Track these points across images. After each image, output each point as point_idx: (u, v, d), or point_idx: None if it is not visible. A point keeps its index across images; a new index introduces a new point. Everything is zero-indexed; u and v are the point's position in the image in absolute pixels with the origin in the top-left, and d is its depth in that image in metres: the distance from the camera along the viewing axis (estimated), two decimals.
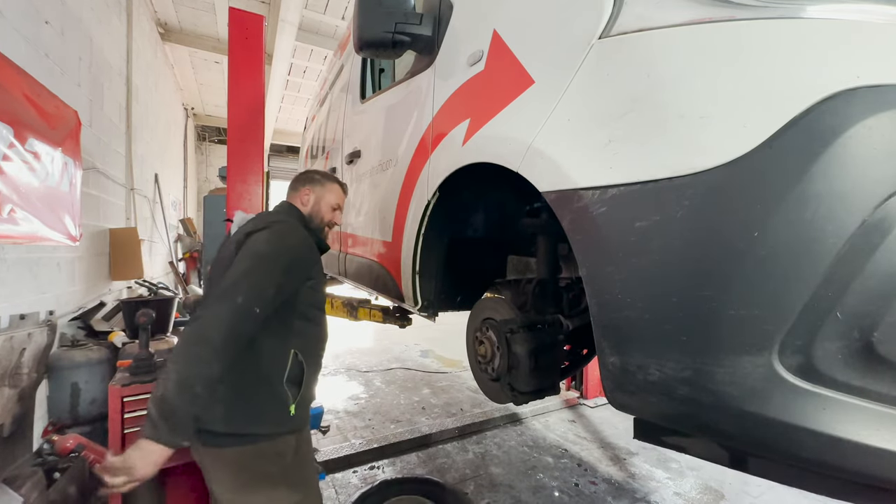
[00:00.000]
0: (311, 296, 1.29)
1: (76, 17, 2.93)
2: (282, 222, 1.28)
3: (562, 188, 0.85)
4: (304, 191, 1.46)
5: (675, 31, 0.73)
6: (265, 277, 1.13)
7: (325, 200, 1.46)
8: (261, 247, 1.18)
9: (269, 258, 1.16)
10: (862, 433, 0.55)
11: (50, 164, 2.30)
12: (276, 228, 1.24)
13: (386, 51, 1.44)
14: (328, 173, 1.53)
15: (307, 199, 1.45)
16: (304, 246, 1.26)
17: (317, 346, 1.37)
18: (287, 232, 1.25)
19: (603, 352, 0.79)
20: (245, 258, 1.15)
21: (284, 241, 1.22)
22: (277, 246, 1.20)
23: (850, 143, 0.57)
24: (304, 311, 1.28)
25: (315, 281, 1.30)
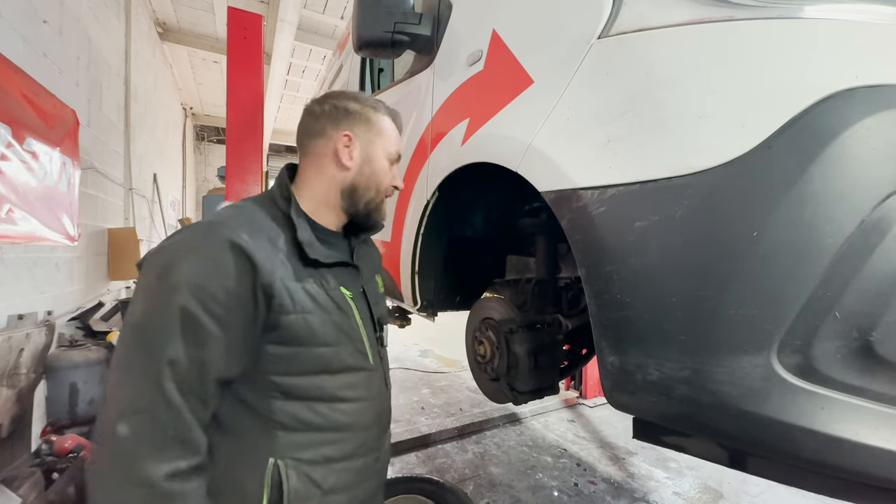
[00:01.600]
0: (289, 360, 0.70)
1: (74, 16, 2.93)
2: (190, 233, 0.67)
3: (561, 188, 0.85)
4: (343, 137, 0.80)
5: (674, 31, 0.73)
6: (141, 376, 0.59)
7: (378, 151, 0.83)
8: (135, 309, 0.62)
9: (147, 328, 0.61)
10: (861, 433, 0.55)
11: (48, 164, 2.30)
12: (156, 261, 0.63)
13: (385, 50, 1.43)
14: (365, 96, 0.85)
15: (349, 153, 0.80)
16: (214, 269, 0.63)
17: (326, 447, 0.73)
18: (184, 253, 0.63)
19: (602, 351, 0.79)
20: (122, 331, 0.64)
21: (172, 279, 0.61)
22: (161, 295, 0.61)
23: (848, 143, 0.57)
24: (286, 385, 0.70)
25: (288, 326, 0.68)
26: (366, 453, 0.79)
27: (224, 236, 0.64)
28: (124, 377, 0.60)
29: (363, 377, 0.79)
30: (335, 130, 0.80)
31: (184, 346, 0.59)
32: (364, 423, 0.79)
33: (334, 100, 0.83)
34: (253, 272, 0.64)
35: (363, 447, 0.78)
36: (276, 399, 0.69)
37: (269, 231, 0.71)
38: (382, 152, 0.83)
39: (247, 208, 0.74)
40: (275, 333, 0.68)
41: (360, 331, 0.79)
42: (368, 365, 0.80)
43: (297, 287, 0.70)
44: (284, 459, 0.69)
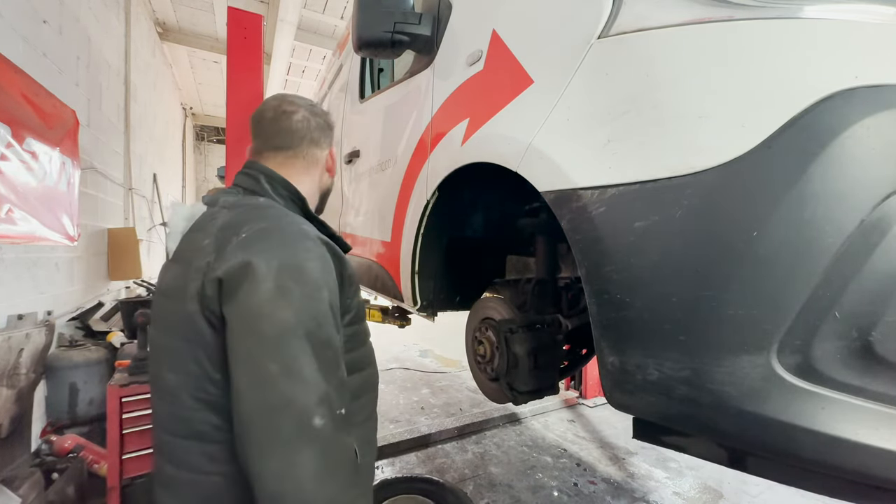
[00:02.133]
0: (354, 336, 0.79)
1: (74, 16, 2.93)
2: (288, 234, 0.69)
3: (561, 188, 0.85)
4: (332, 150, 0.93)
5: (673, 31, 0.73)
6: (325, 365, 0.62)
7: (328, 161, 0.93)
8: (284, 314, 0.61)
9: (310, 326, 0.62)
10: (860, 432, 0.55)
11: (48, 164, 2.30)
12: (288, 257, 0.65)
13: (385, 50, 1.43)
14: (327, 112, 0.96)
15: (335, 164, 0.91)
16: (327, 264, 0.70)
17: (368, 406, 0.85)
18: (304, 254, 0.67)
19: (602, 351, 0.79)
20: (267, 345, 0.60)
21: (312, 278, 0.65)
22: (309, 294, 0.64)
23: (848, 143, 0.57)
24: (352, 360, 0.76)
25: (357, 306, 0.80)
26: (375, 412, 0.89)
27: (315, 235, 0.72)
28: (295, 375, 0.59)
29: (371, 346, 0.89)
30: (328, 144, 0.92)
31: (332, 318, 0.66)
32: (376, 383, 0.89)
33: (324, 116, 0.92)
34: (339, 262, 0.73)
35: (375, 407, 0.89)
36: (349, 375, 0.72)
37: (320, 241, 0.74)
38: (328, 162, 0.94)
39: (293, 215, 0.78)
40: (349, 315, 0.76)
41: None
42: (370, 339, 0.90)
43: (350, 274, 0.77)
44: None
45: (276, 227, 0.69)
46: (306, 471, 0.57)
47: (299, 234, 0.69)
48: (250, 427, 0.58)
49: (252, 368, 0.59)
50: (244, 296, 0.61)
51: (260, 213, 0.72)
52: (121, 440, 1.59)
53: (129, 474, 1.53)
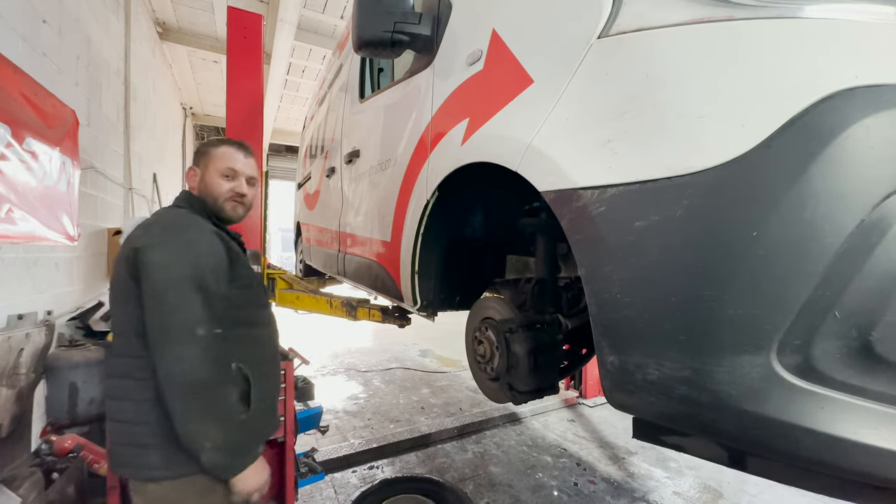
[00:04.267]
0: (244, 296, 1.13)
1: (74, 16, 2.92)
2: (170, 226, 1.07)
3: (561, 188, 0.85)
4: (190, 172, 1.22)
5: (673, 31, 0.73)
6: (187, 306, 0.97)
7: (209, 173, 1.18)
8: (158, 274, 0.98)
9: (175, 285, 0.98)
10: (860, 432, 0.55)
11: (48, 164, 2.30)
12: (164, 242, 1.02)
13: (385, 50, 1.43)
14: (224, 138, 1.30)
15: (194, 179, 1.20)
16: (206, 246, 1.06)
17: (266, 350, 1.22)
18: (178, 239, 1.04)
19: (602, 351, 0.79)
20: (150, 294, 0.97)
21: (179, 254, 1.01)
22: (175, 264, 1.00)
23: (848, 142, 0.57)
24: (243, 316, 1.13)
25: (242, 278, 1.13)
26: (277, 360, 1.30)
27: (208, 229, 1.11)
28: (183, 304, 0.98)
29: (269, 311, 1.28)
30: (190, 168, 1.24)
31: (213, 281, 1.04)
32: (272, 340, 1.28)
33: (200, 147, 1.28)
34: (227, 248, 1.11)
35: (276, 356, 1.29)
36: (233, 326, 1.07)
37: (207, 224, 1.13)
38: (213, 170, 1.19)
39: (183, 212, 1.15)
40: (238, 282, 1.12)
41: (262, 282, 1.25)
42: (268, 303, 1.31)
43: (239, 257, 1.15)
44: (237, 363, 1.08)
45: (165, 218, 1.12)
46: (192, 359, 0.95)
47: (183, 223, 1.09)
48: (157, 335, 0.96)
49: (156, 302, 0.97)
50: (146, 258, 0.99)
51: (161, 212, 1.19)
52: None
53: None
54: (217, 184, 1.18)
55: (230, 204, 1.20)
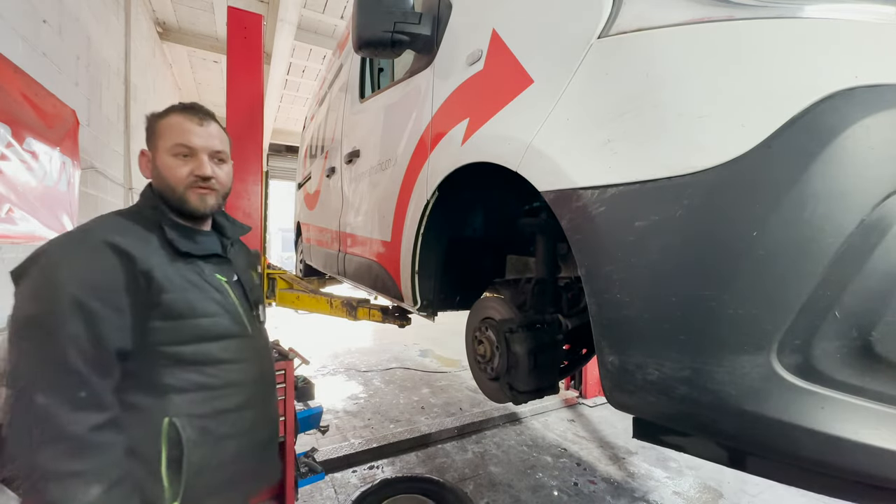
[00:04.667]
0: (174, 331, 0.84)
1: (74, 15, 2.92)
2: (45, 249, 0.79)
3: (561, 188, 0.85)
4: (141, 157, 0.95)
5: (673, 31, 0.73)
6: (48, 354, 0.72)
7: (160, 155, 0.90)
8: (23, 310, 0.75)
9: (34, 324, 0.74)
10: (860, 432, 0.55)
11: (48, 164, 2.30)
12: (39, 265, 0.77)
13: (385, 50, 1.43)
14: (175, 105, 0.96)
15: (146, 167, 0.94)
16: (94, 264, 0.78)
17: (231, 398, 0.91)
18: (39, 267, 0.77)
19: (602, 351, 0.79)
20: (11, 334, 0.75)
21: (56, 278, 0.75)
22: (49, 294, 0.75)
23: (848, 142, 0.57)
24: (175, 353, 0.84)
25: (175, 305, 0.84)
26: (255, 405, 0.97)
27: (99, 238, 0.80)
28: (32, 358, 0.73)
29: (242, 342, 0.96)
30: (140, 152, 0.97)
31: (82, 325, 0.74)
32: (246, 378, 0.96)
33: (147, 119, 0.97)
34: (131, 262, 0.80)
35: (252, 400, 0.96)
36: (168, 367, 0.84)
37: (140, 233, 0.86)
38: (162, 150, 0.91)
39: (110, 217, 0.89)
40: (158, 310, 0.82)
41: (236, 306, 0.96)
42: (246, 332, 0.98)
43: (173, 272, 0.86)
44: (180, 417, 0.83)
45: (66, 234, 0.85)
46: (20, 432, 0.71)
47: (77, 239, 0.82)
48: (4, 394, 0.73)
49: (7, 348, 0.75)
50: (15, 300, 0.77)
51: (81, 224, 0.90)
52: None
53: None
54: (170, 168, 0.89)
55: (194, 194, 0.91)
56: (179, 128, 0.90)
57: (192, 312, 0.86)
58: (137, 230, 0.86)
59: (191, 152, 0.91)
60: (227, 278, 0.97)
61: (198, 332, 0.87)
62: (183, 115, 0.92)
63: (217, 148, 0.95)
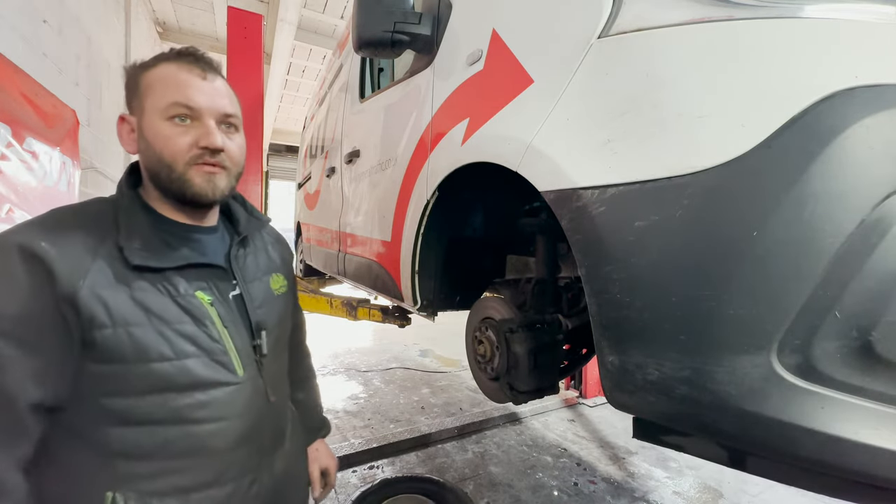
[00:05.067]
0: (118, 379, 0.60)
1: (74, 16, 2.93)
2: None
3: (561, 188, 0.85)
4: (120, 125, 0.69)
5: (673, 31, 0.73)
6: None
7: (149, 119, 0.65)
8: None
9: None
10: (861, 432, 0.55)
11: (48, 164, 2.30)
12: None
13: (385, 50, 1.43)
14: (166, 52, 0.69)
15: (129, 137, 0.68)
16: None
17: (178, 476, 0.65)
18: None
19: (602, 351, 0.79)
20: None
21: None
22: None
23: (848, 142, 0.57)
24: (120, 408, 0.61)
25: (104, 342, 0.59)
26: (235, 478, 0.70)
27: (13, 242, 0.56)
28: None
29: (224, 393, 0.68)
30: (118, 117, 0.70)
31: None
32: (224, 444, 0.68)
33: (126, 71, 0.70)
34: (51, 281, 0.56)
35: (229, 472, 0.70)
36: (111, 424, 0.61)
37: (94, 233, 0.61)
38: (152, 113, 0.65)
39: (74, 208, 0.67)
40: (93, 351, 0.59)
41: (222, 339, 0.69)
42: (233, 378, 0.69)
43: (118, 296, 0.60)
44: (125, 492, 0.61)
45: None
46: None
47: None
48: None
49: None
50: None
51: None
52: None
53: None
54: (165, 138, 0.64)
55: (199, 172, 0.66)
56: (175, 81, 0.65)
57: (142, 355, 0.60)
58: (93, 228, 0.62)
59: (193, 115, 0.65)
60: (217, 296, 0.70)
61: (152, 382, 0.62)
62: (178, 65, 0.66)
63: (228, 110, 0.69)
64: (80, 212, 0.65)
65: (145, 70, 0.67)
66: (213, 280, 0.72)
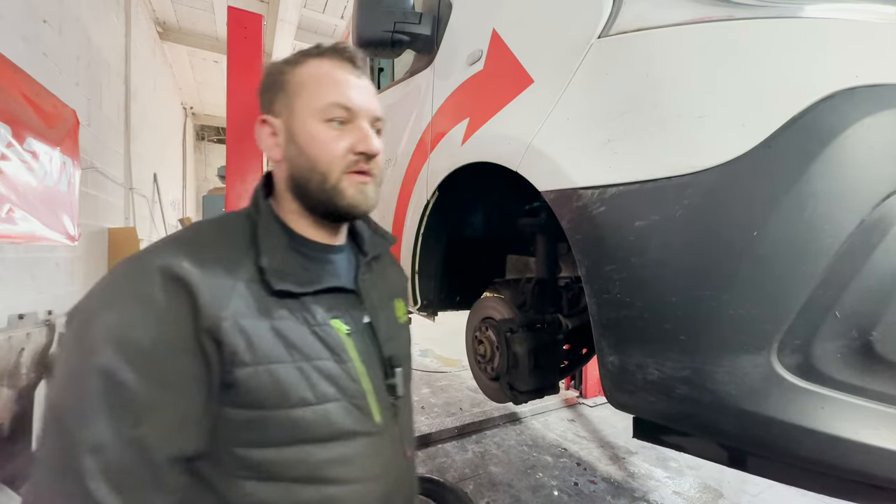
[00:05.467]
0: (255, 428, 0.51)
1: (74, 15, 2.92)
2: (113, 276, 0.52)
3: (561, 187, 0.85)
4: (263, 128, 0.62)
5: (673, 31, 0.73)
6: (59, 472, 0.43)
7: (300, 121, 0.58)
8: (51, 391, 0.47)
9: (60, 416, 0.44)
10: (860, 432, 0.55)
11: (48, 164, 2.30)
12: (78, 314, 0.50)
13: (385, 50, 1.43)
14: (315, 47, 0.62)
15: (275, 145, 0.60)
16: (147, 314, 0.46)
17: None
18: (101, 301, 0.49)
19: (602, 351, 0.79)
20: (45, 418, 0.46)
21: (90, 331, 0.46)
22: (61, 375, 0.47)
23: (848, 142, 0.57)
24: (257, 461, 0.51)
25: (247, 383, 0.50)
26: None
27: (155, 265, 0.48)
28: (44, 478, 0.44)
29: (364, 445, 0.57)
30: (264, 109, 0.63)
31: (111, 424, 0.43)
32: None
33: (261, 79, 0.64)
34: (193, 309, 0.47)
35: None
36: (245, 479, 0.51)
37: (232, 252, 0.53)
38: (306, 114, 0.58)
39: (216, 223, 0.59)
40: (231, 393, 0.49)
41: (359, 379, 0.58)
42: (372, 426, 0.58)
43: (259, 327, 0.51)
44: None
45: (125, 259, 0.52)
46: None
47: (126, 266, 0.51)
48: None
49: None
50: None
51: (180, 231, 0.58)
52: None
53: None
54: (322, 142, 0.58)
55: (353, 182, 0.59)
56: (331, 80, 0.59)
57: (284, 399, 0.52)
58: (232, 247, 0.54)
59: (349, 117, 0.59)
60: (352, 326, 0.60)
61: (292, 432, 0.52)
62: (332, 62, 0.60)
63: (378, 113, 0.62)
64: (221, 227, 0.58)
65: (294, 67, 0.60)
66: (346, 307, 0.61)
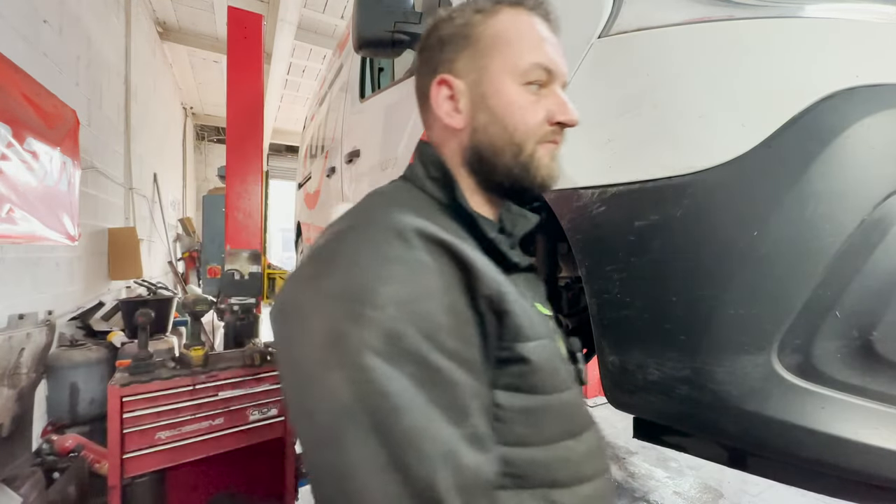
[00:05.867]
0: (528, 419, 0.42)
1: (74, 15, 2.92)
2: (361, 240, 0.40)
3: (561, 187, 0.84)
4: (441, 87, 0.51)
5: (674, 31, 0.73)
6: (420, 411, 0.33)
7: (496, 80, 0.49)
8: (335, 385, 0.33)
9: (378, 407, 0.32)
10: (861, 432, 0.55)
11: (48, 164, 2.30)
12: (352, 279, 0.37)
13: (385, 50, 1.43)
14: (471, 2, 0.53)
15: (455, 110, 0.51)
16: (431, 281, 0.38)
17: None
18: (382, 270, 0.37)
19: (602, 351, 0.79)
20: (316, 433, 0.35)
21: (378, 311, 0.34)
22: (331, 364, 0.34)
23: (848, 142, 0.57)
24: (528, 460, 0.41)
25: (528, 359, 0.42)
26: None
27: (408, 227, 0.40)
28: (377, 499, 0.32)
29: (595, 438, 0.49)
30: (431, 79, 0.52)
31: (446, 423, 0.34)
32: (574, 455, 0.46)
33: (431, 31, 0.54)
34: (466, 275, 0.40)
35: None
36: (504, 488, 0.40)
37: (447, 227, 0.44)
38: (504, 75, 0.49)
39: (406, 193, 0.50)
40: (507, 374, 0.41)
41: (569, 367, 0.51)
42: (591, 417, 0.51)
43: (521, 301, 0.43)
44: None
45: (346, 232, 0.42)
46: None
47: (381, 237, 0.39)
48: None
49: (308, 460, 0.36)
50: (286, 345, 0.39)
51: (347, 214, 0.47)
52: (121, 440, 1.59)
53: (129, 473, 1.54)
54: (520, 108, 0.50)
55: (547, 153, 0.52)
56: (534, 36, 0.50)
57: (555, 382, 0.45)
58: (440, 222, 0.44)
59: (548, 80, 0.51)
60: (548, 310, 0.55)
61: (560, 423, 0.45)
62: (531, 14, 0.51)
63: (567, 78, 0.55)
64: (414, 198, 0.50)
65: (486, 16, 0.50)
66: (533, 289, 0.56)
